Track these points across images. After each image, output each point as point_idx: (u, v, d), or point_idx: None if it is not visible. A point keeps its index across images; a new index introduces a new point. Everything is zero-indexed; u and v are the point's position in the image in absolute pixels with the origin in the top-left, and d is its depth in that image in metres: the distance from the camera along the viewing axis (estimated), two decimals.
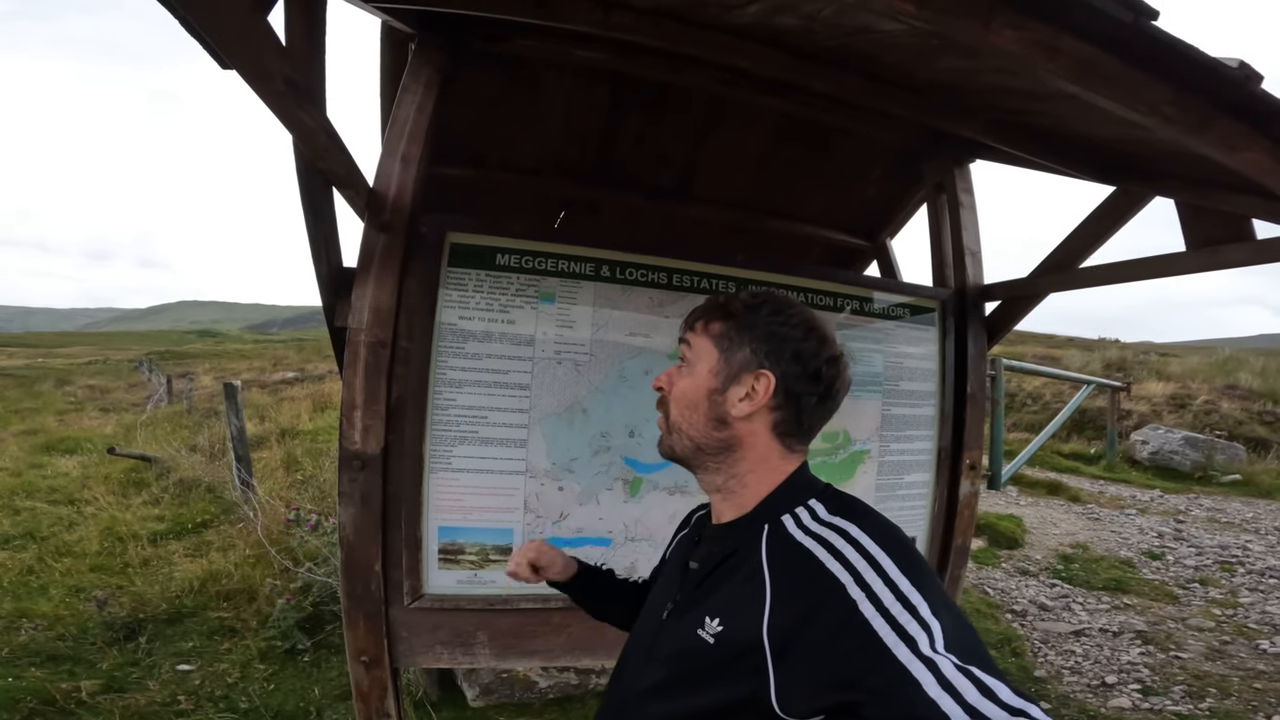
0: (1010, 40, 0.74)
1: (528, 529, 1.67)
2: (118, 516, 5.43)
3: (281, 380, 18.11)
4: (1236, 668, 3.55)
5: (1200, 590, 4.75)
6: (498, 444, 1.63)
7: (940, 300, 2.13)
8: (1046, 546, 5.71)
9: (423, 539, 1.60)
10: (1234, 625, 4.13)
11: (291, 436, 8.25)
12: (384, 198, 1.51)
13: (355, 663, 1.58)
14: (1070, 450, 10.07)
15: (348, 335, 1.52)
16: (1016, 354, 15.67)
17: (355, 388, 1.50)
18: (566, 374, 1.68)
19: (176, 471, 6.52)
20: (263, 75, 0.81)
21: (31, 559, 4.61)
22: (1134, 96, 0.85)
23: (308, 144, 1.09)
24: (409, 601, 1.60)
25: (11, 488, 6.51)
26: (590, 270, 1.70)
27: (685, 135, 2.38)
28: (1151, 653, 3.76)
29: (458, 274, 1.62)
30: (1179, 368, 14.57)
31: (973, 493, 2.08)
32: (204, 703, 3.00)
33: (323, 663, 3.35)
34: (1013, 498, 7.47)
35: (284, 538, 4.36)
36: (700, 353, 0.89)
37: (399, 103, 1.58)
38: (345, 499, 1.52)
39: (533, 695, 3.11)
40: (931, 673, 0.63)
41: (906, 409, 2.04)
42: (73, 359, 42.63)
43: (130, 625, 3.64)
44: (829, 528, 0.79)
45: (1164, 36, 0.76)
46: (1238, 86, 0.87)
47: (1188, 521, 6.64)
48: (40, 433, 10.29)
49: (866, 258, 3.12)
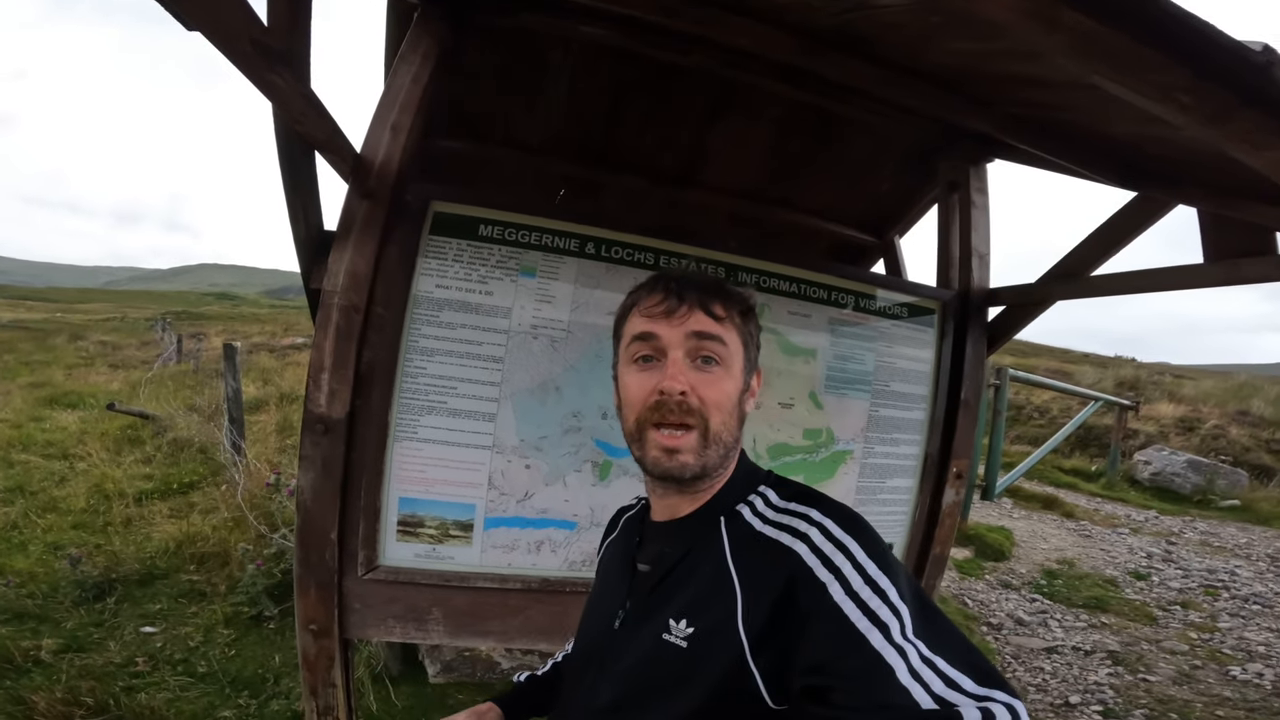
0: (1002, 6, 0.67)
1: (490, 506, 1.63)
2: (108, 474, 5.48)
3: (290, 345, 18.22)
4: (1202, 693, 3.50)
5: (1180, 613, 4.69)
6: (466, 416, 1.59)
7: (942, 301, 2.06)
8: (1033, 561, 5.66)
9: (382, 509, 1.57)
10: (1208, 650, 4.07)
11: (290, 401, 8.29)
12: (370, 164, 1.47)
13: (304, 631, 1.55)
14: (1071, 466, 9.99)
15: (321, 298, 1.48)
16: (1029, 366, 15.54)
17: (325, 350, 1.47)
18: (542, 350, 1.63)
19: (172, 430, 6.56)
20: (228, 37, 0.79)
21: (17, 514, 4.64)
22: (1144, 79, 0.78)
23: (282, 107, 1.06)
24: (363, 572, 1.57)
25: (9, 440, 6.58)
26: (575, 246, 1.65)
27: (691, 119, 2.32)
28: (1120, 674, 3.71)
29: (438, 242, 1.57)
30: (1192, 391, 14.42)
31: (956, 502, 2.02)
32: (162, 665, 2.99)
33: (287, 630, 3.34)
34: (1006, 510, 7.41)
35: (264, 502, 4.36)
36: (735, 350, 0.83)
37: (394, 71, 1.55)
38: (306, 463, 1.49)
39: (494, 675, 3.10)
40: (903, 660, 0.63)
41: (895, 411, 1.98)
42: (91, 315, 43.07)
43: (101, 585, 3.64)
44: (788, 514, 0.77)
45: (1176, 11, 0.69)
46: (1261, 72, 0.79)
47: (1179, 544, 6.56)
48: (47, 386, 10.40)
49: (873, 255, 3.06)
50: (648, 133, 2.37)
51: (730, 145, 2.43)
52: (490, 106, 2.22)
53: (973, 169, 2.16)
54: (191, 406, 7.59)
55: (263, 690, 2.86)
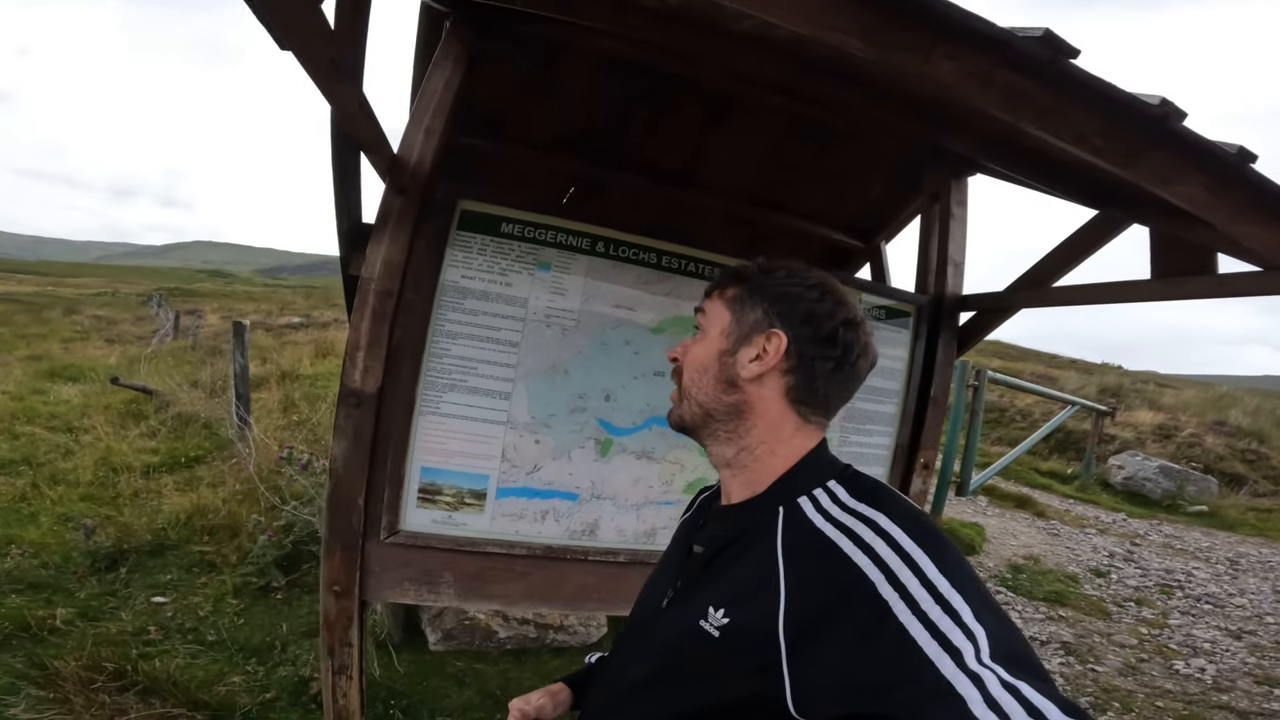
0: (947, 71, 0.85)
1: (502, 477, 1.80)
2: (113, 447, 5.56)
3: (287, 324, 18.24)
4: (1145, 685, 3.70)
5: (1134, 609, 4.92)
6: (484, 394, 1.76)
7: (918, 306, 2.24)
8: (1001, 556, 5.89)
9: (405, 477, 1.72)
10: (1156, 645, 4.29)
11: (291, 379, 8.37)
12: (405, 164, 1.61)
13: (327, 592, 1.68)
14: (1048, 468, 10.25)
15: (359, 284, 1.63)
16: (1015, 370, 15.78)
17: (361, 330, 1.62)
18: (553, 336, 1.81)
19: (176, 406, 6.65)
20: (313, 56, 0.91)
21: (25, 485, 4.71)
22: (1062, 126, 0.96)
23: (343, 115, 1.19)
24: (385, 536, 1.71)
25: (12, 412, 6.61)
26: (586, 244, 1.82)
27: (695, 125, 2.48)
28: (1071, 663, 3.91)
29: (464, 237, 1.73)
30: (1173, 400, 14.73)
31: (922, 491, 2.21)
32: (173, 634, 3.08)
33: (294, 600, 3.45)
34: (981, 507, 7.64)
35: (274, 476, 4.47)
36: (714, 317, 0.87)
37: (429, 77, 1.68)
38: (340, 433, 1.63)
39: (491, 644, 3.24)
40: (978, 689, 0.56)
41: (870, 404, 2.16)
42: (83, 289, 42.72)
43: (113, 555, 3.72)
44: (854, 515, 0.72)
45: (1081, 74, 0.87)
46: (1158, 123, 0.97)
47: (1142, 545, 6.82)
48: (45, 359, 10.41)
49: (860, 259, 3.21)
50: (652, 136, 2.52)
51: (728, 150, 2.59)
52: (507, 107, 2.36)
53: (954, 182, 2.31)
54: (194, 383, 7.69)
55: (270, 657, 2.98)
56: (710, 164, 2.68)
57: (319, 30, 0.84)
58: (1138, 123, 0.99)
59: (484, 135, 2.46)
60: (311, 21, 0.81)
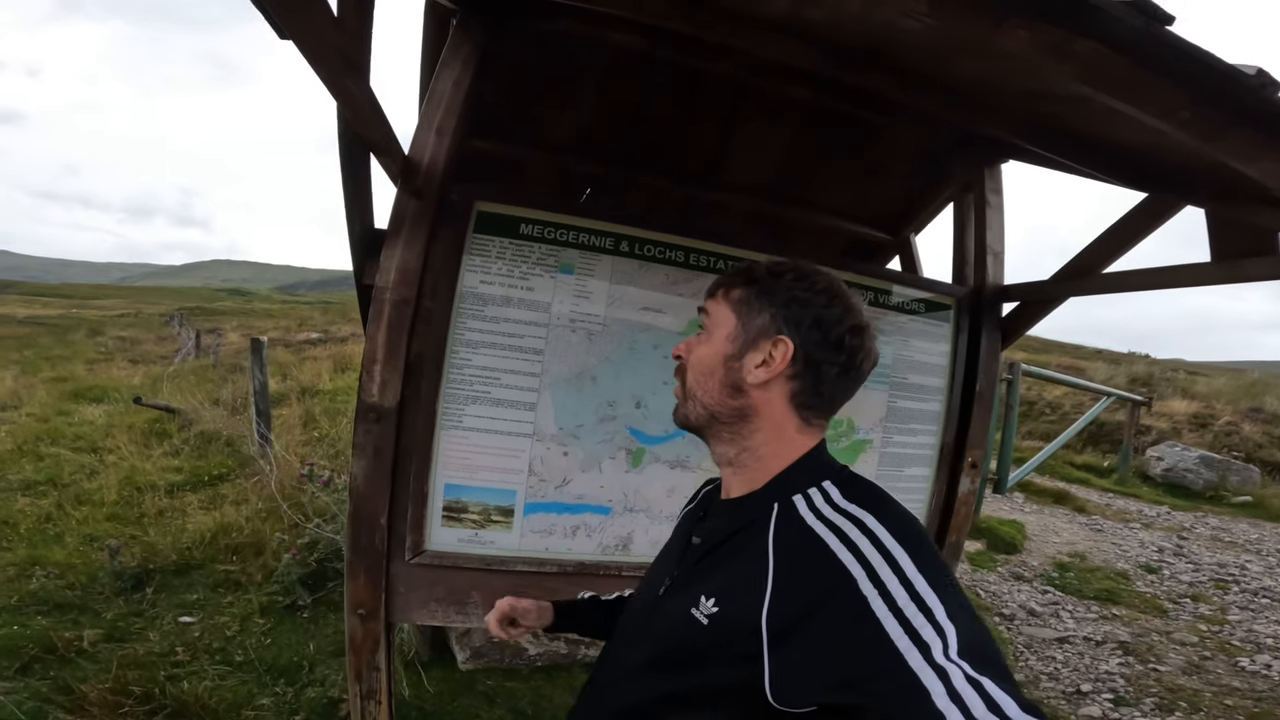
0: (1020, 40, 0.76)
1: (530, 492, 1.73)
2: (138, 466, 5.57)
3: (305, 340, 18.41)
4: (1211, 683, 3.56)
5: (1190, 606, 4.74)
6: (508, 405, 1.68)
7: (957, 298, 2.13)
8: (1044, 554, 5.70)
9: (429, 495, 1.66)
10: (1217, 642, 4.12)
11: (311, 395, 8.39)
12: (418, 166, 1.55)
13: (352, 615, 1.63)
14: (1083, 461, 9.98)
15: (374, 293, 1.57)
16: (1041, 362, 15.48)
17: (377, 342, 1.56)
18: (579, 342, 1.73)
19: (198, 424, 6.68)
20: (316, 46, 0.85)
21: (50, 506, 4.71)
22: (1147, 101, 0.87)
23: (352, 112, 1.13)
24: (410, 557, 1.66)
25: (37, 433, 6.67)
26: (610, 245, 1.74)
27: (714, 121, 2.39)
28: (1130, 663, 3.77)
29: (482, 241, 1.66)
30: (1205, 387, 14.34)
31: (971, 490, 2.10)
32: (201, 654, 3.04)
33: (320, 619, 3.40)
34: (1018, 504, 7.44)
35: (296, 493, 4.44)
36: (719, 319, 0.88)
37: (438, 76, 1.62)
38: (359, 450, 1.58)
39: (521, 661, 3.17)
40: (942, 682, 0.60)
41: (912, 402, 2.06)
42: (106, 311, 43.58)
43: (139, 575, 3.70)
44: (843, 515, 0.75)
45: (1177, 42, 0.77)
46: (1254, 94, 0.88)
47: (1190, 539, 6.58)
48: (69, 380, 10.57)
49: (889, 252, 3.12)
50: (672, 134, 2.44)
51: (751, 146, 2.51)
52: (522, 106, 2.29)
53: (987, 170, 2.23)
54: (216, 401, 7.73)
55: (298, 678, 2.92)
56: (732, 160, 2.60)
57: (323, 17, 0.77)
58: (1230, 95, 0.90)
59: (499, 137, 2.39)
60: (314, 8, 0.73)
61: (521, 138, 2.43)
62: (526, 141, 2.44)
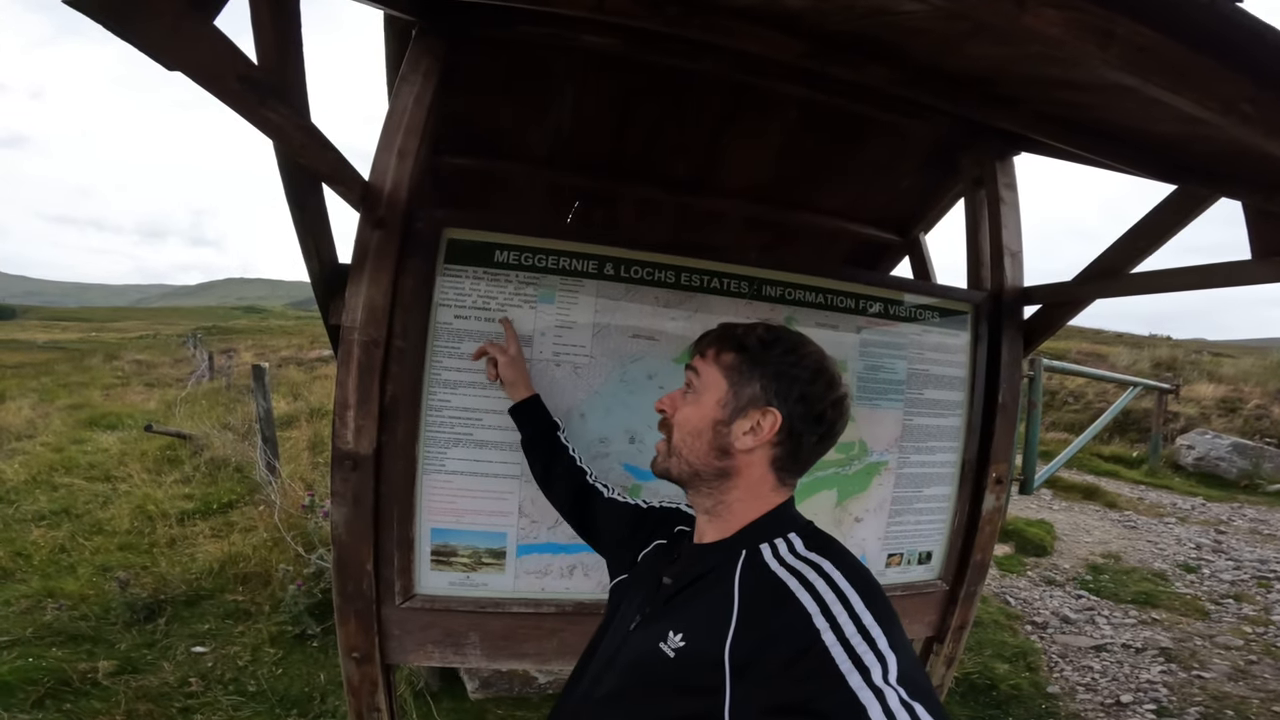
0: (1052, 22, 0.63)
1: (521, 534, 1.62)
2: (150, 494, 5.59)
3: (318, 358, 18.48)
4: (1259, 689, 3.38)
5: (1233, 606, 4.54)
6: (492, 447, 1.57)
7: (974, 303, 1.99)
8: (1076, 555, 5.50)
9: (415, 540, 1.56)
10: (1263, 644, 3.93)
11: (321, 416, 8.39)
12: (379, 193, 1.45)
13: (347, 659, 1.57)
14: (1111, 453, 9.71)
15: (341, 333, 1.47)
16: (1061, 350, 15.16)
17: (348, 387, 1.46)
18: (565, 377, 1.61)
19: (209, 450, 6.67)
20: (212, 76, 0.77)
21: (64, 537, 4.74)
22: (1206, 91, 0.73)
23: (281, 141, 1.04)
24: (400, 601, 1.57)
25: (51, 464, 6.71)
26: (593, 268, 1.61)
27: (703, 124, 2.27)
28: (1173, 671, 3.60)
29: (454, 271, 1.55)
30: (1231, 369, 13.90)
31: (996, 508, 1.96)
32: (214, 685, 3.06)
33: (330, 648, 3.39)
34: (1045, 501, 7.22)
35: (301, 522, 4.41)
36: (709, 382, 0.92)
37: (396, 93, 1.52)
38: (338, 499, 1.49)
39: (531, 690, 3.13)
40: (879, 701, 0.65)
41: (930, 419, 1.92)
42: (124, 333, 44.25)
43: (150, 606, 3.72)
44: (804, 562, 0.82)
45: (1248, 21, 0.63)
46: None
47: (1229, 533, 6.34)
48: (85, 408, 10.64)
49: (898, 253, 2.98)
50: (660, 139, 2.32)
51: (745, 148, 2.38)
52: (497, 121, 2.18)
53: (998, 164, 2.08)
54: (225, 425, 7.72)
55: (310, 709, 2.92)
56: (724, 165, 2.47)
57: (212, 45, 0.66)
58: None
59: (477, 153, 2.28)
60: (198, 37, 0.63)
61: (501, 152, 2.32)
62: (507, 156, 2.33)
